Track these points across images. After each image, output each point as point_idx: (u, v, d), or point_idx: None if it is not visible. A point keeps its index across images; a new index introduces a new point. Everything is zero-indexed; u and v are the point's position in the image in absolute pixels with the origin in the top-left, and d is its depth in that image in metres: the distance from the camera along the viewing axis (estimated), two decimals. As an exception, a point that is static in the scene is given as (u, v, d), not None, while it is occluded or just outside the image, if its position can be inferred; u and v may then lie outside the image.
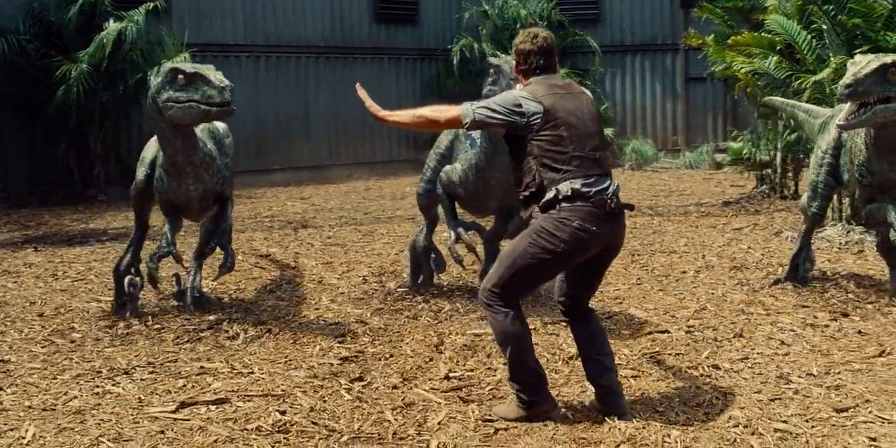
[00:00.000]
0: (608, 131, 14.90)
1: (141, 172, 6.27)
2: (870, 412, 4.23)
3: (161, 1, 13.51)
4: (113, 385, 4.83)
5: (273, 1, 16.12)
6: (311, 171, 16.58)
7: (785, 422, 4.11)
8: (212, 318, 6.14)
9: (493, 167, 5.90)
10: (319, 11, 16.68)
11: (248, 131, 15.06)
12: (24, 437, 4.06)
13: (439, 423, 4.19)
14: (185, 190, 6.01)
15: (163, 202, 6.19)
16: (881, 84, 5.18)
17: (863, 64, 5.19)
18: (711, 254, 8.12)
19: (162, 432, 4.11)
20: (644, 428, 4.02)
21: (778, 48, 8.94)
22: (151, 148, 6.30)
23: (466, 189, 6.16)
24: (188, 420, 4.27)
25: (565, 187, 3.93)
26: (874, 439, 3.91)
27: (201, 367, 5.12)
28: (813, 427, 4.06)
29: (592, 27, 17.80)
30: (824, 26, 8.47)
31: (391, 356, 5.29)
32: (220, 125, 6.63)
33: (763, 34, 9.09)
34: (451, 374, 4.90)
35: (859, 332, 5.54)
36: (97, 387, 4.81)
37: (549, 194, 3.96)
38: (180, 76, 5.45)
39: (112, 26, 13.02)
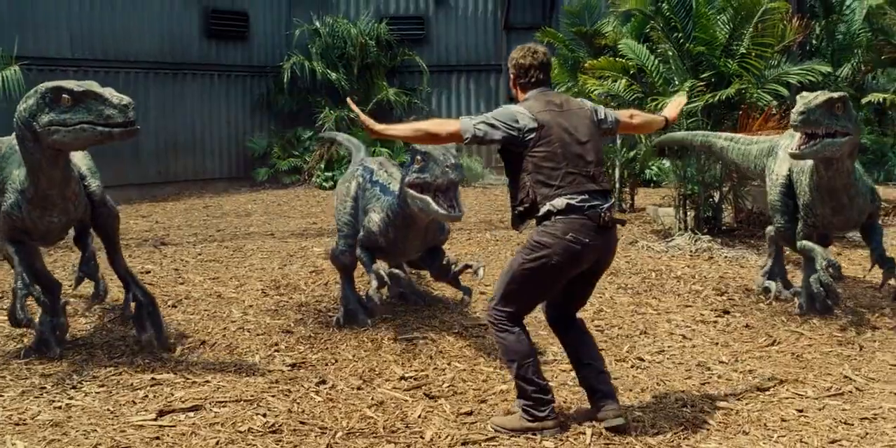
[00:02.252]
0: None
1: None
2: (787, 390, 4.88)
3: (-14, 12, 12.97)
4: (69, 399, 4.82)
5: (102, 15, 15.72)
6: (139, 188, 16.18)
7: (724, 401, 4.69)
8: (134, 332, 6.12)
9: (413, 229, 5.79)
10: (149, 27, 16.38)
11: (76, 147, 14.56)
12: (15, 451, 4.04)
13: (420, 418, 4.48)
14: (47, 221, 5.45)
15: (13, 230, 5.51)
16: (829, 117, 5.59)
17: (811, 97, 5.65)
18: (582, 261, 8.74)
19: (157, 438, 4.20)
20: (611, 411, 4.47)
21: (631, 72, 9.75)
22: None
23: (387, 239, 5.90)
24: (174, 426, 4.37)
25: (560, 202, 4.06)
26: (801, 410, 4.55)
27: (152, 378, 5.16)
28: (747, 404, 4.65)
29: (420, 47, 18.36)
30: (670, 52, 9.34)
31: (336, 361, 5.52)
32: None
33: (617, 59, 9.88)
34: (406, 375, 5.19)
35: (746, 326, 6.25)
36: (54, 401, 4.78)
37: (543, 209, 4.10)
38: (65, 96, 4.76)
39: (-66, 37, 12.36)
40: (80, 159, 5.92)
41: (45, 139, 4.88)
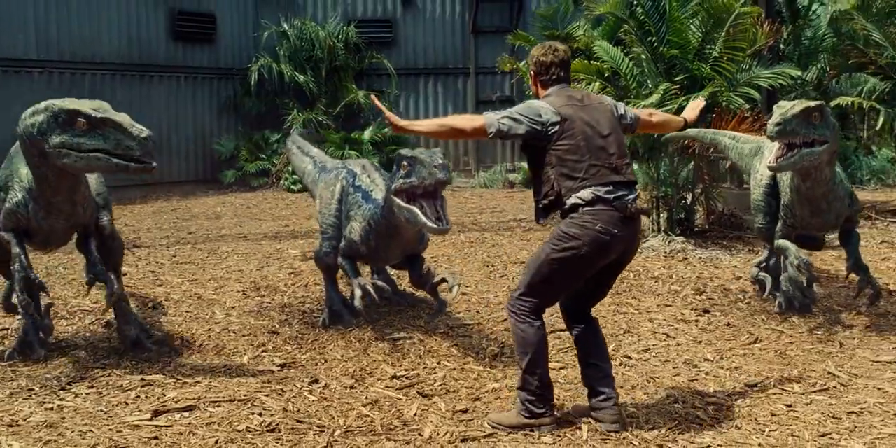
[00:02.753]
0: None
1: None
2: (774, 385, 4.97)
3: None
4: (60, 400, 4.78)
5: (68, 16, 15.59)
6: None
7: (713, 396, 4.77)
8: (116, 335, 6.07)
9: (396, 238, 5.80)
10: (116, 28, 16.29)
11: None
12: (12, 452, 4.01)
13: (416, 416, 4.51)
14: (51, 223, 5.34)
15: (16, 228, 5.38)
16: (806, 126, 5.57)
17: (788, 106, 5.63)
18: (559, 262, 8.81)
19: (155, 438, 4.18)
20: (605, 408, 4.53)
21: (606, 75, 9.85)
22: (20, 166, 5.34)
23: (369, 247, 5.93)
24: (170, 426, 4.35)
25: (586, 194, 4.12)
26: (790, 405, 4.64)
27: (142, 379, 5.13)
28: (737, 400, 4.73)
29: (388, 50, 18.42)
30: (644, 56, 9.44)
31: (326, 361, 5.52)
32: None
33: (592, 62, 9.97)
34: (397, 374, 5.21)
35: (728, 324, 6.35)
36: (44, 402, 4.74)
37: (570, 201, 4.15)
38: (81, 120, 4.64)
39: None
40: (95, 186, 5.81)
41: (54, 159, 4.78)
